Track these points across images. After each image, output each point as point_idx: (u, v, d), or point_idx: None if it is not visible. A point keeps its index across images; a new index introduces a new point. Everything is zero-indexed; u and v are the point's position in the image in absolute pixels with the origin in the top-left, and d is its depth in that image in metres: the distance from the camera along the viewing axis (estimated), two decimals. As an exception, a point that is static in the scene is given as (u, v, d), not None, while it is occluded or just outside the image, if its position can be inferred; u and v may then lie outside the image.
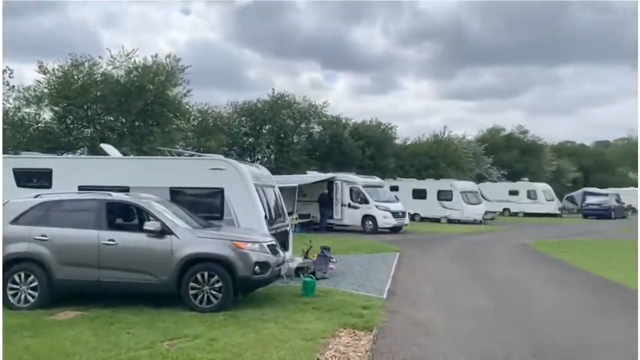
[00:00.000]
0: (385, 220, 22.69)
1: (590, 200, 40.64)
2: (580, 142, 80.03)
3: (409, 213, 25.47)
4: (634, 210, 43.76)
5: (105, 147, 12.64)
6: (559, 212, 40.15)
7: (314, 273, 10.01)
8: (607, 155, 69.24)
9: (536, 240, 19.92)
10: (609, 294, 9.59)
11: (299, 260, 10.60)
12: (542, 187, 40.17)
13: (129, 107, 23.99)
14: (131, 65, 24.80)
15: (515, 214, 38.95)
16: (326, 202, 23.23)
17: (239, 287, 7.64)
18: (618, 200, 40.49)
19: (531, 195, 39.11)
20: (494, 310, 8.19)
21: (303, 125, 37.75)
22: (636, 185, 56.69)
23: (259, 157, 37.17)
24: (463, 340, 6.31)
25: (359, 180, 23.98)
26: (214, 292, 7.47)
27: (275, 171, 21.70)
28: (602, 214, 37.05)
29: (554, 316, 7.71)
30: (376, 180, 25.73)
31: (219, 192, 9.69)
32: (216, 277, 7.48)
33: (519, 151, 51.69)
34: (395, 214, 23.05)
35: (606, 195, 41.88)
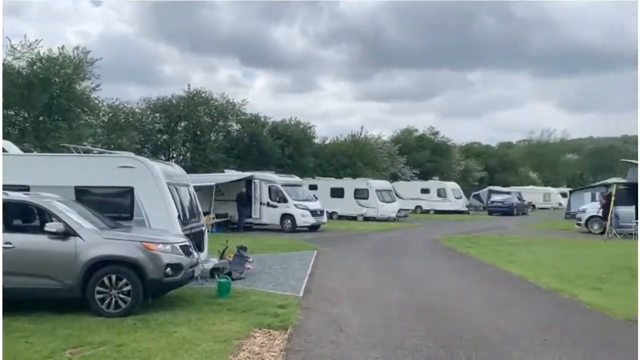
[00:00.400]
0: (303, 218, 22.83)
1: (494, 198, 43.29)
2: (487, 144, 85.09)
3: (327, 211, 25.85)
4: (534, 207, 47.10)
5: (3, 142, 11.70)
6: (467, 209, 42.41)
7: (230, 274, 9.86)
8: (510, 156, 73.99)
9: (446, 236, 20.89)
10: (510, 286, 10.22)
11: (214, 261, 10.39)
12: (452, 186, 42.20)
13: (32, 101, 22.43)
14: (34, 56, 23.21)
15: (427, 212, 40.62)
16: (244, 201, 22.99)
17: (149, 290, 7.34)
18: (519, 198, 43.38)
19: (441, 193, 40.96)
20: (406, 303, 8.48)
21: (221, 123, 37.12)
22: (535, 184, 61.14)
23: (174, 155, 36.10)
24: (375, 333, 6.47)
25: (278, 179, 23.95)
26: (122, 296, 7.13)
27: (191, 170, 21.18)
28: (505, 210, 39.55)
29: (461, 307, 8.11)
30: (295, 179, 25.83)
31: (129, 192, 9.26)
32: (124, 281, 7.15)
33: (430, 151, 53.99)
34: (313, 213, 23.27)
35: (509, 193, 44.75)
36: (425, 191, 41.69)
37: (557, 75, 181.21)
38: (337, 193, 32.02)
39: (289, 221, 22.76)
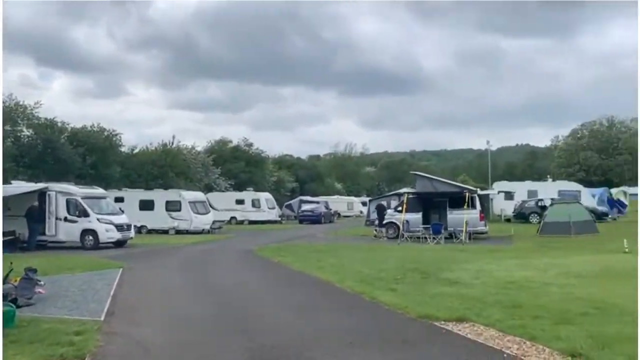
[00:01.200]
0: (108, 234, 21.10)
1: (304, 207, 45.44)
2: (297, 156, 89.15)
3: (135, 225, 24.34)
4: (339, 215, 50.50)
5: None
6: (280, 219, 43.73)
7: (15, 300, 8.57)
8: (318, 168, 78.70)
9: (260, 246, 21.16)
10: (318, 291, 10.69)
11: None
12: (265, 196, 43.14)
13: None
14: None
15: (242, 222, 40.87)
16: (36, 217, 20.43)
17: None
18: (327, 207, 46.19)
19: (255, 204, 41.60)
20: (216, 317, 8.29)
21: (8, 128, 32.56)
22: (340, 194, 65.74)
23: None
24: (183, 352, 6.17)
25: (78, 191, 21.81)
26: None
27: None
28: (315, 219, 41.70)
29: (273, 316, 8.21)
30: (98, 191, 23.79)
31: None
32: None
33: (245, 162, 54.57)
34: (119, 227, 21.63)
35: (318, 202, 47.39)
36: (240, 202, 41.91)
37: (359, 95, 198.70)
38: (147, 205, 30.39)
39: (90, 237, 20.80)
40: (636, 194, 54.09)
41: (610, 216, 35.44)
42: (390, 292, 9.68)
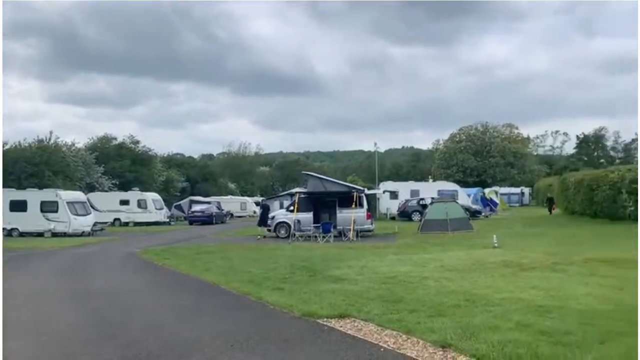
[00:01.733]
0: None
1: (195, 208, 44.22)
2: (189, 155, 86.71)
3: (5, 228, 22.28)
4: (232, 216, 49.85)
5: None
6: (168, 220, 42.18)
7: None
8: (211, 167, 77.08)
9: (144, 248, 20.23)
10: (203, 294, 10.42)
11: None
12: (152, 197, 41.42)
13: None
14: None
15: (127, 224, 38.91)
16: None
17: None
18: (219, 208, 45.38)
19: (142, 204, 39.81)
20: (91, 325, 7.76)
21: None
22: (233, 194, 64.93)
23: None
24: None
25: None
26: None
27: None
28: (206, 220, 40.77)
29: (153, 322, 7.84)
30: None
31: None
32: None
33: (131, 161, 51.98)
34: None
35: (209, 203, 46.39)
36: (124, 202, 39.90)
37: (254, 95, 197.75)
38: (19, 206, 27.95)
39: (-53, 242, 18.62)
40: (506, 194, 59.40)
41: (483, 214, 38.53)
42: (277, 292, 9.69)
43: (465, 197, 38.95)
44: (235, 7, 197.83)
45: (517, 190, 66.02)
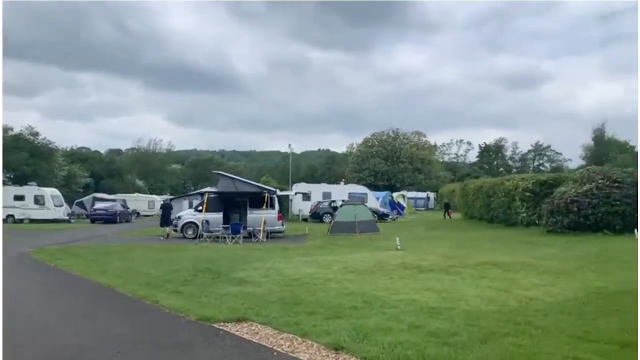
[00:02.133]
0: None
1: (98, 205, 41.96)
2: (95, 149, 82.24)
3: None
4: (139, 214, 47.86)
5: None
6: (68, 217, 39.71)
7: None
8: (118, 163, 73.55)
9: (38, 247, 18.86)
10: (96, 297, 9.85)
11: None
12: (51, 192, 38.87)
13: None
14: None
15: (21, 221, 36.22)
16: None
17: None
18: (124, 206, 43.36)
19: (39, 200, 37.27)
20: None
21: None
22: (141, 192, 62.40)
23: None
24: None
25: None
26: None
27: None
28: (109, 218, 38.79)
29: (35, 328, 7.28)
30: None
31: None
32: None
33: (29, 154, 48.45)
34: None
35: (114, 200, 44.20)
36: (19, 198, 37.13)
37: (167, 90, 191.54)
38: None
39: None
40: (413, 198, 61.91)
41: (390, 217, 39.85)
42: (174, 295, 9.36)
43: (374, 200, 40.07)
44: (154, 0, 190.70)
45: (424, 194, 69.09)
